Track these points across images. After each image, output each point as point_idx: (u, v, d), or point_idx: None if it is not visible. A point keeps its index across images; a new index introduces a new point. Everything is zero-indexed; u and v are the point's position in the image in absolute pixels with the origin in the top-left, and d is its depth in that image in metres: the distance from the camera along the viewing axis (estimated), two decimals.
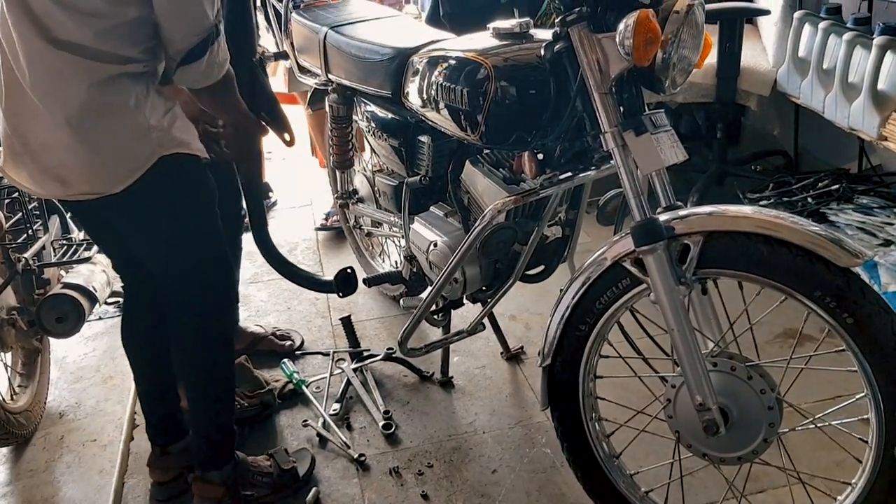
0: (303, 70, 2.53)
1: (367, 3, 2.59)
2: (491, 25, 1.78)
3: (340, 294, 2.36)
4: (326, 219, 3.41)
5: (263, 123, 1.99)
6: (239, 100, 1.77)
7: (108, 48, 1.50)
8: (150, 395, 1.97)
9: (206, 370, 1.82)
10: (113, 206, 1.61)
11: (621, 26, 1.36)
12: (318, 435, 2.12)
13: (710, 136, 3.25)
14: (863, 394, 1.40)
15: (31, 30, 1.47)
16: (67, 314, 2.03)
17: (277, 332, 2.58)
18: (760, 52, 3.09)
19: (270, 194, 3.69)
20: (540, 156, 1.78)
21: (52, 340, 2.39)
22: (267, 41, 2.66)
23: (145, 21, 1.51)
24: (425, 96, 1.86)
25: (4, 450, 2.17)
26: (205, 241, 1.74)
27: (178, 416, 2.00)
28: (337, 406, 2.23)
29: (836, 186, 2.78)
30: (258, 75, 2.11)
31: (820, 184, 2.85)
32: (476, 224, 1.78)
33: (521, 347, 2.45)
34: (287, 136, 2.10)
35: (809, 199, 2.79)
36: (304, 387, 2.32)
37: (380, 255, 2.86)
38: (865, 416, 1.43)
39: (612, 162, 1.52)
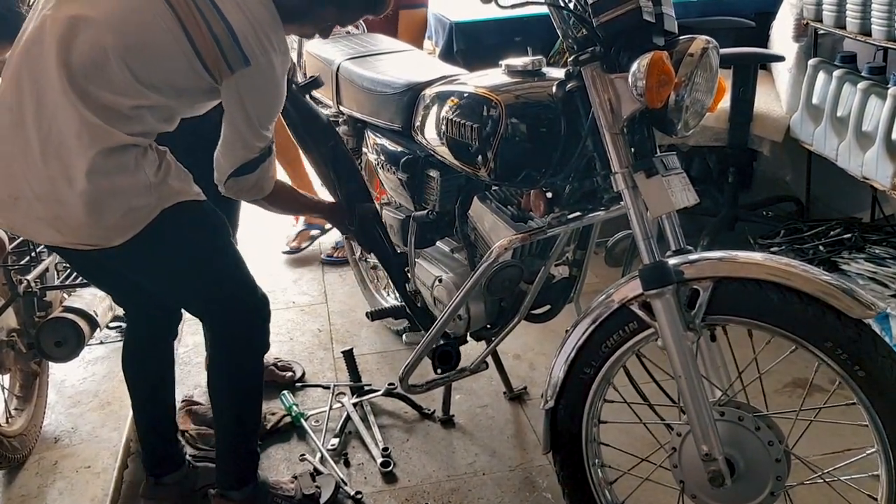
0: (315, 101, 2.53)
1: (381, 37, 2.60)
2: (503, 62, 1.78)
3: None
4: (335, 248, 3.40)
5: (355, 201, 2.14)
6: (310, 200, 2.03)
7: (136, 120, 1.53)
8: (149, 423, 1.96)
9: (235, 393, 1.83)
10: (112, 256, 1.60)
11: (634, 67, 1.34)
12: (315, 470, 2.08)
13: (721, 180, 3.23)
14: (873, 449, 1.36)
15: (63, 82, 1.48)
16: (67, 338, 2.01)
17: (279, 363, 2.55)
18: (774, 97, 3.09)
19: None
20: (549, 194, 1.77)
21: (51, 364, 2.37)
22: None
23: (175, 111, 1.62)
24: (435, 131, 1.85)
25: None
26: (221, 275, 1.74)
27: (174, 446, 1.99)
28: (335, 441, 2.19)
29: (848, 235, 2.75)
30: (332, 160, 2.14)
31: (832, 232, 2.82)
32: (482, 261, 1.76)
33: (525, 388, 2.42)
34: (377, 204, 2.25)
35: (821, 248, 2.76)
36: (302, 420, 2.28)
37: (384, 288, 2.84)
38: (876, 473, 1.39)
39: (621, 203, 1.50)
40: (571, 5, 1.48)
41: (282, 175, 2.02)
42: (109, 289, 1.90)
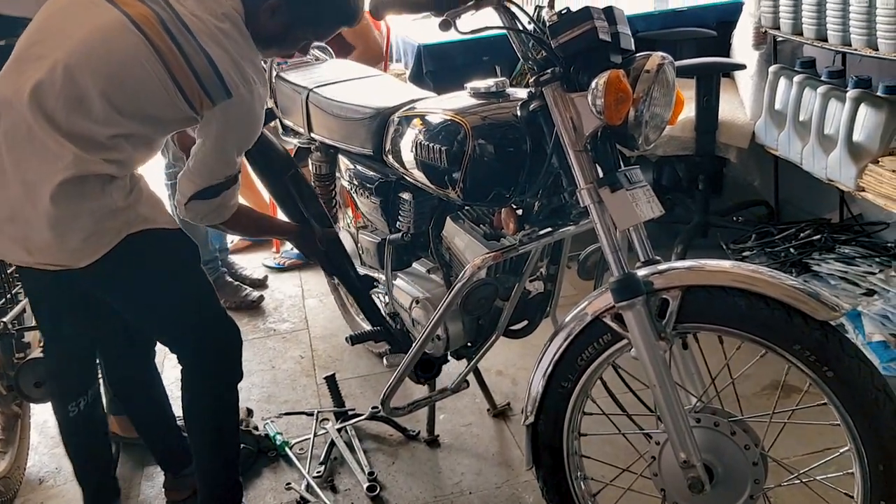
0: (286, 129, 2.55)
1: (347, 63, 2.63)
2: (468, 85, 1.81)
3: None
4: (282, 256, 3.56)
5: (316, 228, 2.16)
6: (274, 222, 2.08)
7: (114, 149, 1.55)
8: (153, 433, 2.06)
9: (211, 423, 1.84)
10: (79, 277, 1.62)
11: (592, 86, 1.38)
12: (302, 498, 2.08)
13: (692, 188, 3.28)
14: (846, 448, 1.39)
15: (38, 117, 1.50)
16: (46, 378, 2.00)
17: None
18: (738, 105, 3.14)
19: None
20: (519, 211, 1.79)
21: (32, 404, 2.36)
22: None
23: (153, 140, 1.65)
24: (405, 154, 1.87)
25: None
26: (188, 305, 1.76)
27: (182, 443, 2.03)
28: (321, 468, 2.19)
29: (818, 237, 2.80)
30: (295, 188, 2.16)
31: (801, 234, 2.87)
32: (456, 281, 1.78)
33: (508, 403, 2.43)
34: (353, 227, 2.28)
35: (792, 250, 2.80)
36: (287, 448, 2.28)
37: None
38: (851, 471, 1.41)
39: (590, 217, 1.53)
40: (530, 28, 1.51)
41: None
42: (86, 324, 1.88)
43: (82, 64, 1.50)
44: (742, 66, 3.01)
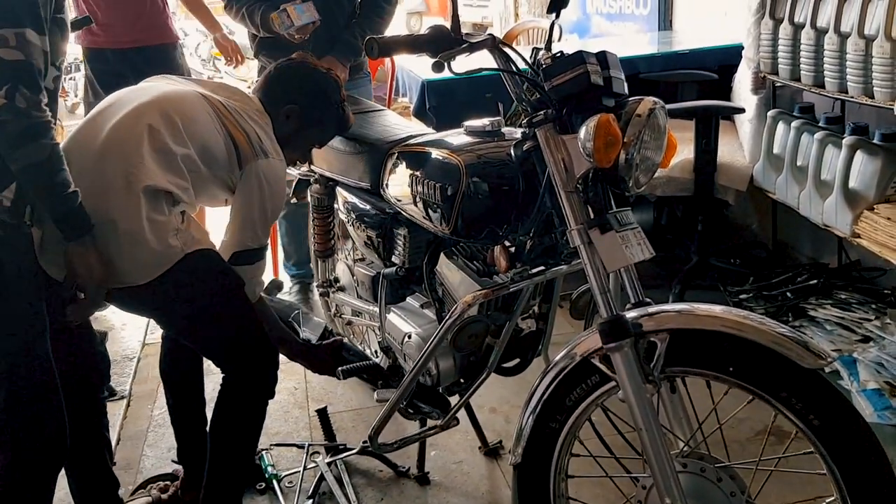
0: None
1: (350, 97, 2.65)
2: (465, 123, 1.83)
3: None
4: None
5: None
6: (286, 336, 2.11)
7: (180, 173, 1.76)
8: (184, 423, 2.16)
9: (236, 435, 1.91)
10: (136, 295, 1.74)
11: (583, 129, 1.39)
12: None
13: (691, 228, 3.28)
14: (833, 497, 1.38)
15: (149, 140, 1.72)
16: None
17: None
18: (737, 148, 3.16)
19: None
20: (512, 249, 1.80)
21: None
22: None
23: (196, 185, 1.82)
24: (402, 189, 1.89)
25: None
26: (236, 321, 1.86)
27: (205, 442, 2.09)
28: (309, 502, 2.18)
29: (815, 281, 2.79)
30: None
31: (799, 278, 2.86)
32: (447, 317, 1.78)
33: (500, 442, 2.41)
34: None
35: (789, 294, 2.80)
36: (276, 481, 2.27)
37: (360, 344, 2.84)
38: None
39: None
40: (524, 69, 1.53)
41: None
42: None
43: (170, 106, 1.79)
44: (741, 110, 3.03)
